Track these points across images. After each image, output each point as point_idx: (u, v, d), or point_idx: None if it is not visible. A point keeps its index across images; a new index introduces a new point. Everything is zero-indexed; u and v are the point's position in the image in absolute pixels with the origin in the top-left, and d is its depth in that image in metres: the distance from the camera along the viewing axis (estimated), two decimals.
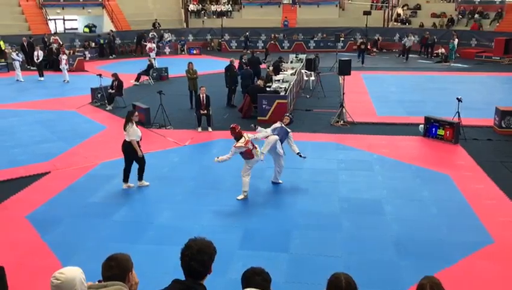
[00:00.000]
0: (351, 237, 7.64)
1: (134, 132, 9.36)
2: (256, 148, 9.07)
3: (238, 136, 8.88)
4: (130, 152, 9.48)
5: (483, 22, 29.67)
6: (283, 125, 9.73)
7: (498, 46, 27.00)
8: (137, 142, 9.44)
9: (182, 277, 3.15)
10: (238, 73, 17.52)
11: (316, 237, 7.65)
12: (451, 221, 8.13)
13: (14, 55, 22.72)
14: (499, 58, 26.63)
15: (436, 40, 28.59)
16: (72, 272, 3.13)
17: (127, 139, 9.43)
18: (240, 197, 9.04)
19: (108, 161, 11.28)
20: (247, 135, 8.98)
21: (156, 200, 9.23)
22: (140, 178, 9.74)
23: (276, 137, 9.34)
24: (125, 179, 9.68)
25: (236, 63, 18.20)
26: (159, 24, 32.99)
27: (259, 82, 15.53)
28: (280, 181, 9.80)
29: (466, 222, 8.11)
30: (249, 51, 24.54)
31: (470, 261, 6.91)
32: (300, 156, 9.77)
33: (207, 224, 8.05)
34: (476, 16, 29.87)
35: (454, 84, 19.83)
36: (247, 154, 8.96)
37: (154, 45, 26.54)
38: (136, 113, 9.81)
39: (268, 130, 9.59)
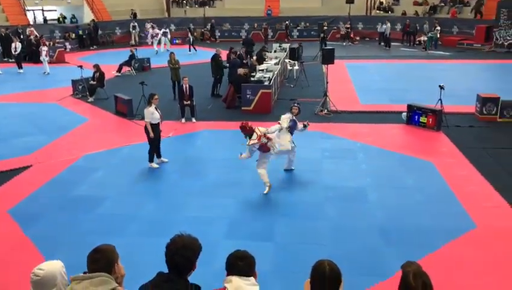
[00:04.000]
0: (336, 226, 7.68)
1: (148, 114, 10.01)
2: (271, 139, 8.87)
3: (249, 134, 8.66)
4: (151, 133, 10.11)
5: (464, 10, 29.88)
6: (293, 117, 9.64)
7: (479, 34, 27.32)
8: (156, 124, 10.08)
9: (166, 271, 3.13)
10: (226, 63, 17.30)
11: (301, 225, 7.67)
12: (434, 208, 8.23)
13: None
14: (480, 45, 26.96)
15: (418, 27, 28.76)
16: (52, 267, 3.09)
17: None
18: (266, 191, 8.84)
19: (91, 153, 11.15)
20: (259, 129, 8.73)
21: (138, 192, 9.14)
22: (158, 156, 10.41)
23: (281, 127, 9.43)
24: (153, 158, 10.32)
25: (224, 54, 17.98)
26: (135, 14, 32.47)
27: (241, 71, 15.37)
28: (292, 168, 9.96)
29: (449, 208, 8.21)
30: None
31: (453, 247, 7.00)
32: (304, 126, 9.84)
33: (191, 215, 8.02)
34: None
35: (436, 72, 19.97)
36: (264, 148, 8.81)
37: (158, 31, 28.04)
38: (156, 96, 10.17)
39: (283, 124, 9.44)
